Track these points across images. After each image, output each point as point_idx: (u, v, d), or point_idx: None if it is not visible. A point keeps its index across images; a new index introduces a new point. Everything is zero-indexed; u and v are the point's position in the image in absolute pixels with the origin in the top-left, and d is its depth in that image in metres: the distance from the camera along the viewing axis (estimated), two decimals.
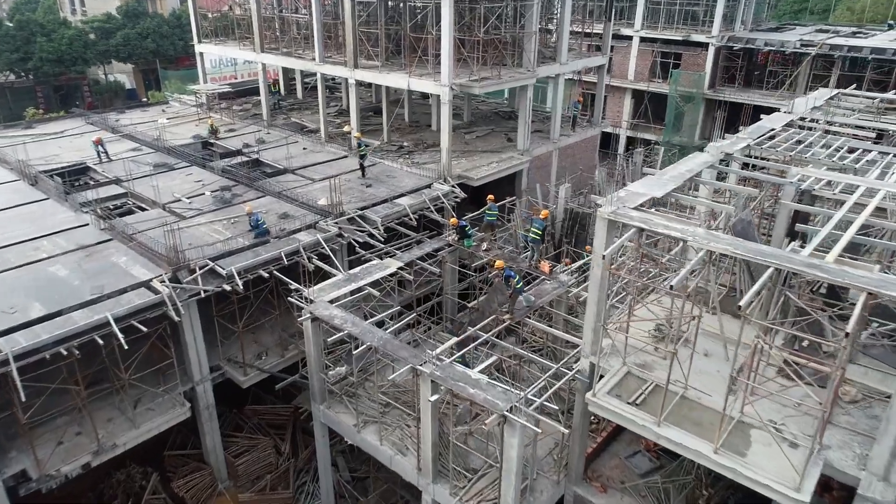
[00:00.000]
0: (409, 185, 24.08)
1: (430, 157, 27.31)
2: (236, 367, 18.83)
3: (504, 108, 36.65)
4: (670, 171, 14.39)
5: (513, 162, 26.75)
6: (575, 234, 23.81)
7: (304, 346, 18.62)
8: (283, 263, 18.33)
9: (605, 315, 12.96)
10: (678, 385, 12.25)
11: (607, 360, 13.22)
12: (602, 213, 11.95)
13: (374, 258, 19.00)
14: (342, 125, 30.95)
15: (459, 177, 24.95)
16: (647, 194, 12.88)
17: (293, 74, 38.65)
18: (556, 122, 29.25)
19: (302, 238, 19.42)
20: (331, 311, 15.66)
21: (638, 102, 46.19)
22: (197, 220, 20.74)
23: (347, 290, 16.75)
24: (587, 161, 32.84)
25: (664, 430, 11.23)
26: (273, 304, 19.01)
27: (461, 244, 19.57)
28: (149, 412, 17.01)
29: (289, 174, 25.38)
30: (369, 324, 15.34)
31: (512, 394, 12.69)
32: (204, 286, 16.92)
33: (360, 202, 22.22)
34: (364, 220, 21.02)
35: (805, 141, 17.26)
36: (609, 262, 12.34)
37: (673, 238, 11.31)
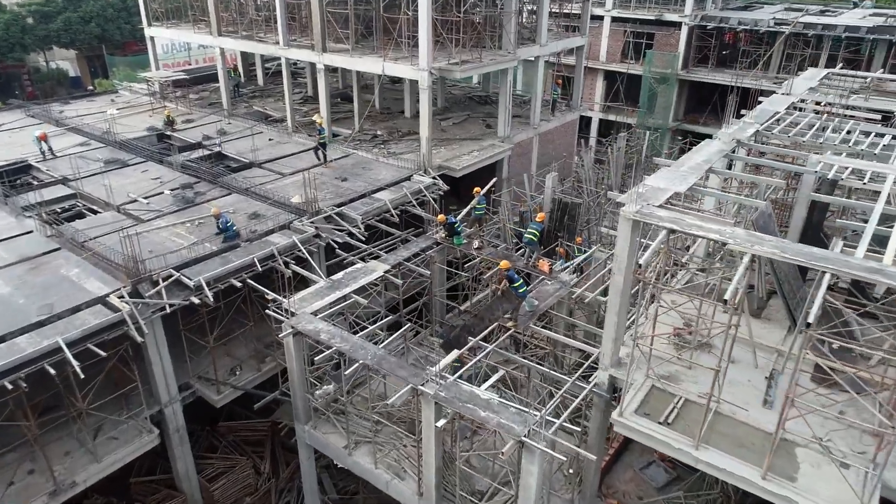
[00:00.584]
0: (387, 177, 22.48)
1: (407, 146, 25.70)
2: (208, 384, 17.12)
3: (478, 91, 35.14)
4: (686, 161, 13.22)
5: (495, 150, 25.35)
6: (565, 226, 22.60)
7: (283, 358, 17.14)
8: (257, 270, 16.62)
9: (625, 324, 11.81)
10: (707, 397, 11.17)
11: (627, 371, 12.06)
12: (626, 214, 10.69)
13: (356, 261, 17.44)
14: (310, 113, 29.01)
15: (440, 167, 23.45)
16: (668, 189, 11.68)
17: (252, 59, 36.33)
18: (536, 107, 27.93)
19: (276, 241, 17.70)
20: (315, 324, 14.09)
21: (610, 84, 45.25)
22: (157, 222, 18.77)
23: (332, 300, 15.18)
24: (567, 146, 31.68)
25: (704, 454, 10.13)
26: (246, 313, 17.29)
27: (450, 242, 18.15)
28: (112, 442, 15.22)
29: (255, 168, 23.48)
30: (360, 338, 13.84)
31: (528, 416, 11.41)
32: (169, 300, 15.12)
33: (337, 198, 20.56)
34: (342, 217, 19.38)
35: (813, 125, 16.32)
36: (633, 268, 11.13)
37: (709, 240, 10.12)
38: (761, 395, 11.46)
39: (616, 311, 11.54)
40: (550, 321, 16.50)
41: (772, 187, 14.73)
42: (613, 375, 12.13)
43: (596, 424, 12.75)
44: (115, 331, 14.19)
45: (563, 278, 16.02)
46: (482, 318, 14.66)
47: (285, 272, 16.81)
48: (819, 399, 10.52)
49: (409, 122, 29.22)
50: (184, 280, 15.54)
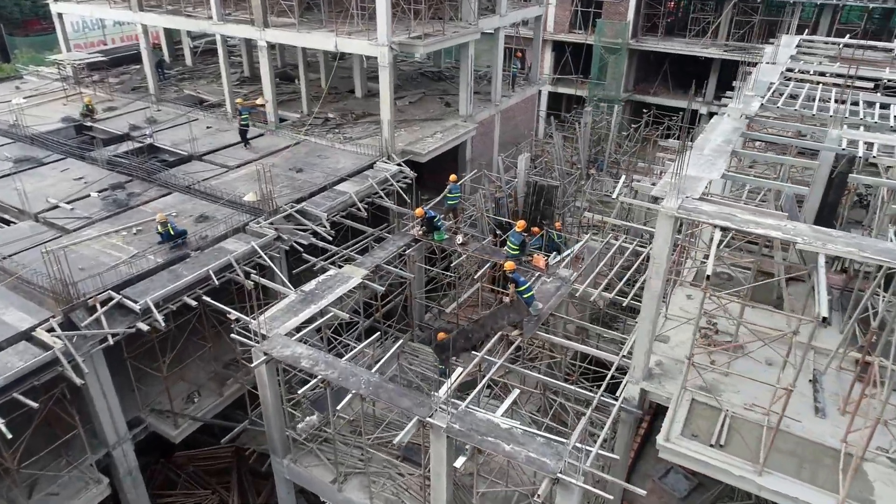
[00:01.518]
0: (347, 166, 20.33)
1: (364, 130, 23.52)
2: (163, 418, 14.85)
3: (429, 67, 33.03)
4: (705, 143, 11.88)
5: (459, 131, 23.53)
6: (541, 211, 21.16)
7: (248, 379, 15.09)
8: (214, 285, 14.35)
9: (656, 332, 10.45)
10: (756, 410, 10.01)
11: (660, 383, 10.77)
12: (666, 210, 9.22)
13: (328, 266, 15.39)
14: (250, 96, 26.25)
15: (403, 152, 21.48)
16: (701, 178, 10.29)
17: (178, 37, 32.85)
18: (497, 82, 26.19)
19: (231, 247, 15.42)
20: (293, 348, 12.09)
21: (559, 56, 43.91)
22: (86, 233, 16.06)
23: (307, 315, 13.18)
24: (527, 123, 30.20)
25: (768, 480, 8.93)
26: (203, 333, 15.02)
27: (429, 238, 16.35)
28: (51, 499, 12.83)
29: (196, 162, 20.80)
30: (348, 361, 11.94)
31: (560, 446, 9.93)
32: (111, 329, 12.73)
33: (294, 192, 18.31)
34: (304, 215, 17.21)
35: (813, 96, 15.35)
36: (665, 269, 9.72)
37: (771, 238, 8.78)
38: (809, 402, 10.41)
39: (651, 318, 10.15)
40: (547, 322, 15.05)
41: (791, 167, 13.66)
42: (645, 389, 10.80)
43: (623, 443, 11.43)
44: (47, 373, 11.76)
45: (562, 274, 14.55)
46: (483, 326, 13.03)
47: (247, 284, 14.60)
48: (869, 402, 9.54)
49: (362, 102, 26.94)
50: (127, 303, 13.14)
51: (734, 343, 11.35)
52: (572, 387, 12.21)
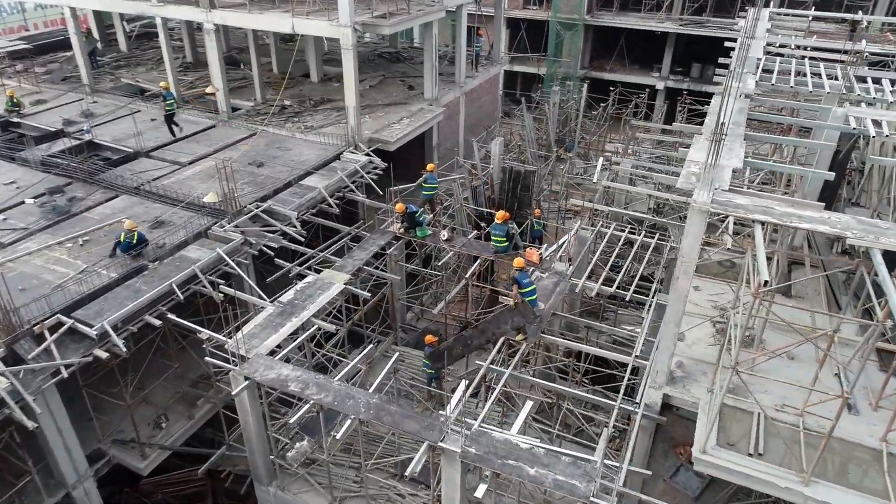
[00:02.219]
0: (311, 158, 18.88)
1: (326, 117, 22.00)
2: (128, 449, 13.37)
3: (385, 48, 31.47)
4: (713, 126, 11.11)
5: (426, 116, 22.28)
6: (518, 197, 20.27)
7: (220, 397, 13.78)
8: (178, 300, 12.87)
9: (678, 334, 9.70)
10: (788, 411, 9.44)
11: (684, 387, 10.08)
12: (698, 204, 8.39)
13: (305, 272, 14.08)
14: (196, 84, 24.30)
15: (371, 141, 20.14)
16: (724, 165, 9.51)
17: (110, 20, 30.19)
18: (461, 62, 24.97)
19: (193, 255, 13.92)
20: (278, 370, 10.84)
21: (514, 33, 42.88)
22: (23, 246, 14.23)
23: (288, 330, 11.91)
24: (491, 105, 29.14)
25: (816, 490, 8.33)
26: (167, 350, 13.55)
27: (411, 235, 15.21)
28: None
29: (143, 159, 18.93)
30: (341, 382, 10.79)
31: (588, 466, 9.11)
32: (64, 359, 11.17)
33: (257, 189, 16.81)
34: (271, 215, 15.77)
35: (802, 72, 14.85)
36: (688, 269, 8.94)
37: (818, 233, 8.07)
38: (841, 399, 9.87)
39: (676, 320, 9.39)
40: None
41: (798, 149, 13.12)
42: (668, 394, 10.08)
43: (642, 451, 10.72)
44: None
45: (559, 268, 13.69)
46: (483, 331, 12.05)
47: (216, 297, 13.20)
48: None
49: (319, 88, 25.30)
50: (80, 328, 11.57)
51: (760, 347, 10.76)
52: (589, 395, 11.42)
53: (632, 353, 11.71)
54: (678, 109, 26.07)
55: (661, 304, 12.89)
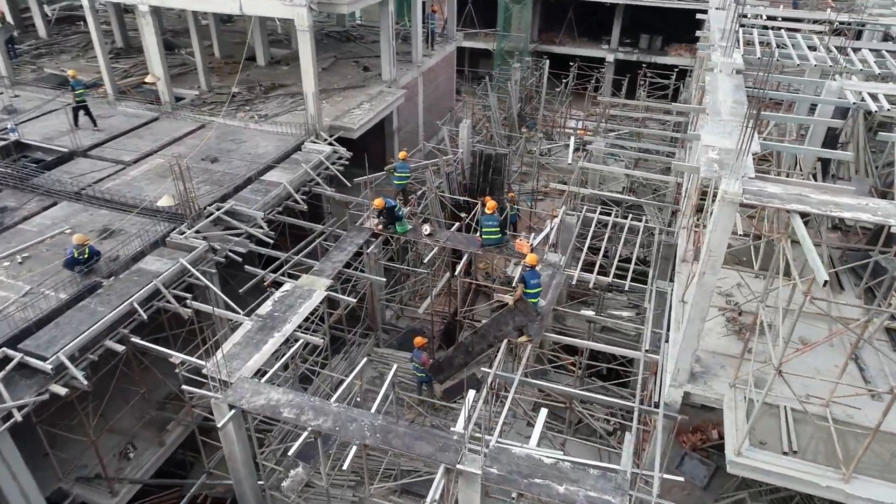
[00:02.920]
0: (270, 150, 17.51)
1: (280, 105, 20.53)
2: (94, 486, 12.06)
3: (333, 27, 29.83)
4: (720, 107, 10.58)
5: (387, 99, 21.13)
6: (490, 181, 19.49)
7: (192, 419, 12.62)
8: (142, 319, 11.55)
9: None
10: (814, 402, 9.12)
11: (705, 383, 9.63)
12: (729, 196, 7.79)
13: (283, 279, 12.92)
14: (132, 72, 22.28)
15: (332, 129, 18.89)
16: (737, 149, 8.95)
17: (25, 3, 27.38)
18: (417, 40, 23.78)
19: (153, 267, 12.55)
20: (268, 394, 9.80)
21: (461, 7, 41.60)
22: None
23: (273, 347, 10.83)
24: (447, 84, 28.10)
25: (857, 487, 8.02)
26: (131, 374, 12.23)
27: (390, 231, 14.24)
28: None
29: (80, 159, 17.11)
30: (340, 403, 9.84)
31: (619, 477, 8.55)
32: (14, 399, 9.78)
33: (215, 188, 15.42)
34: (235, 217, 14.45)
35: (781, 44, 14.57)
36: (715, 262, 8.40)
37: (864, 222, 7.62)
38: (860, 383, 9.65)
39: (702, 317, 8.87)
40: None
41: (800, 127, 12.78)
42: (689, 392, 9.62)
43: (660, 451, 10.22)
44: None
45: (552, 259, 13.04)
46: (484, 336, 11.29)
47: (183, 313, 11.93)
48: None
49: (268, 72, 23.65)
50: (32, 362, 10.16)
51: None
52: (608, 398, 10.87)
53: (639, 348, 11.19)
54: (639, 84, 25.78)
55: (660, 292, 12.44)
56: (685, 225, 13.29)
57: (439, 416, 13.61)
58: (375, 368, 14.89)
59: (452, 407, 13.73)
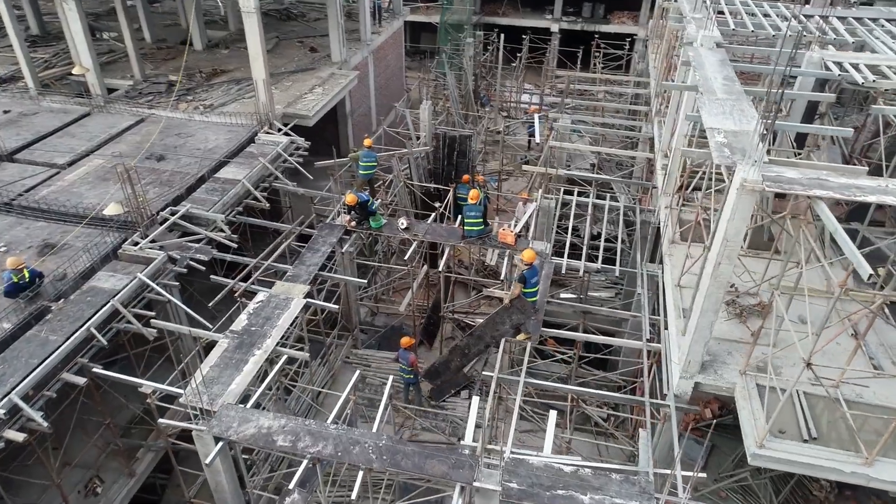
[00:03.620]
0: (221, 144, 16.24)
1: (225, 93, 19.10)
2: None
3: (270, 4, 28.08)
4: (711, 84, 10.20)
5: (340, 82, 20.01)
6: (455, 164, 18.77)
7: (162, 444, 11.64)
8: (102, 345, 10.42)
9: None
10: (823, 383, 9.01)
11: (716, 372, 9.39)
12: (749, 184, 7.41)
13: (256, 288, 11.93)
14: (54, 62, 20.26)
15: (285, 117, 17.71)
16: (750, 131, 8.61)
17: None
18: (365, 17, 22.68)
19: (107, 285, 11.37)
20: (257, 422, 8.97)
21: None
22: None
23: (255, 366, 9.95)
24: (396, 62, 27.03)
25: (880, 470, 7.95)
26: (94, 404, 11.11)
27: (364, 227, 13.41)
28: None
29: (6, 163, 15.40)
30: (339, 424, 9.11)
31: (643, 480, 8.24)
32: None
33: (165, 190, 14.15)
34: (192, 221, 13.28)
35: (751, 12, 14.36)
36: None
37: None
38: (864, 360, 9.63)
39: (715, 308, 8.56)
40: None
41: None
42: (699, 382, 9.37)
43: (667, 446, 9.98)
44: None
45: (538, 248, 12.54)
46: (480, 337, 10.72)
47: (147, 334, 10.85)
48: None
49: (206, 57, 22.01)
50: None
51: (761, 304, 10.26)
52: (618, 395, 10.52)
53: (633, 336, 10.89)
54: (593, 55, 25.42)
55: (651, 275, 12.16)
56: (668, 205, 13.03)
57: (429, 417, 13.08)
58: (356, 371, 14.14)
59: (443, 408, 13.22)
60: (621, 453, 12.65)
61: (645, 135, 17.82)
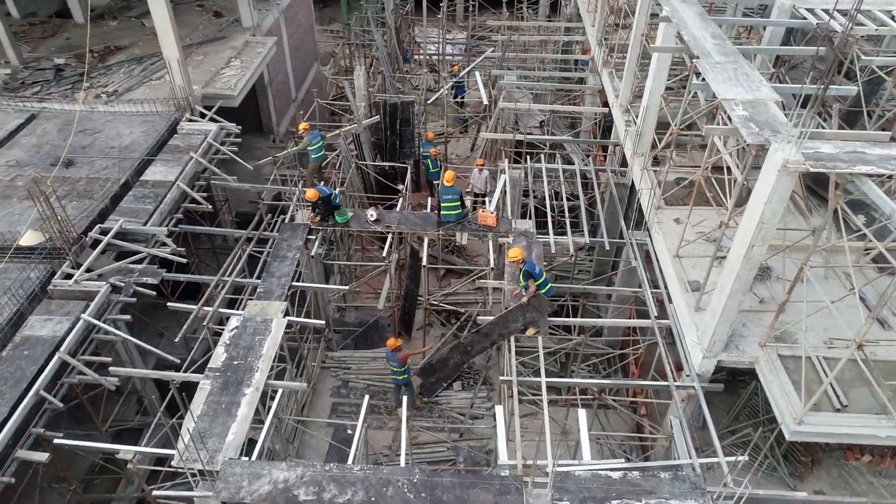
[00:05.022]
0: (137, 139, 14.17)
1: (127, 75, 16.64)
2: None
3: None
4: (702, 44, 9.63)
5: (258, 51, 17.99)
6: (400, 134, 17.51)
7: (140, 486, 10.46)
8: (56, 407, 8.87)
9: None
10: (843, 344, 9.10)
11: (737, 347, 9.25)
12: (792, 165, 6.97)
13: (226, 312, 10.51)
14: None
15: (206, 98, 15.74)
16: (767, 100, 8.17)
17: None
18: None
19: (45, 332, 9.67)
20: (270, 475, 7.93)
21: None
22: None
23: (250, 409, 8.79)
24: (307, 20, 24.81)
25: None
26: (56, 470, 9.58)
27: (330, 223, 12.15)
28: None
29: None
30: (363, 466, 8.25)
31: (692, 475, 8.02)
32: None
33: (83, 202, 12.17)
34: (129, 238, 11.51)
35: None
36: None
37: None
38: (865, 313, 9.78)
39: (744, 290, 8.28)
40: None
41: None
42: (723, 362, 9.21)
43: (686, 426, 9.76)
44: None
45: (521, 228, 11.86)
46: (487, 335, 10.00)
47: (107, 385, 9.35)
48: None
49: (93, 32, 18.91)
50: None
51: None
52: (643, 382, 10.20)
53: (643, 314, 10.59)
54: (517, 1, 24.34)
55: (639, 243, 11.82)
56: (644, 166, 12.65)
57: (425, 416, 12.44)
58: (336, 376, 13.18)
59: (437, 403, 12.60)
60: (621, 420, 12.57)
61: (593, 87, 17.26)
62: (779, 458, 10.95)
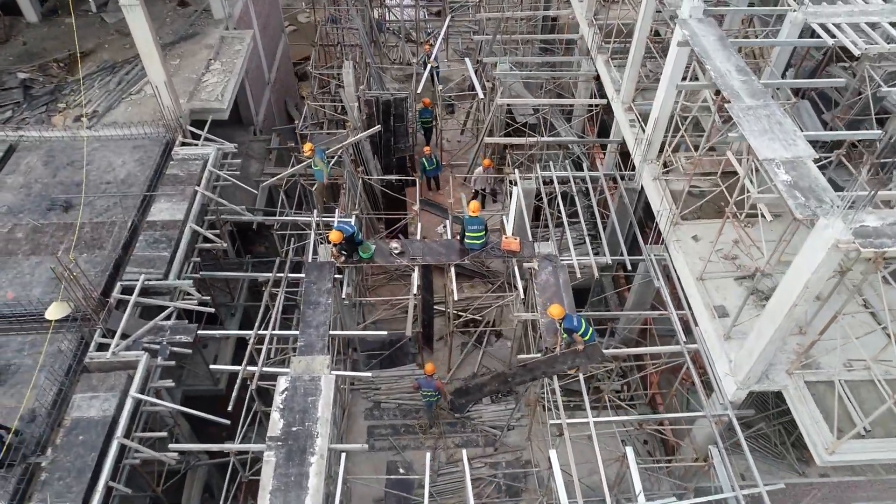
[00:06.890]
0: (132, 169, 13.57)
1: (104, 90, 15.59)
2: None
3: None
4: (730, 81, 9.69)
5: (236, 48, 17.04)
6: (394, 130, 17.12)
7: None
8: (124, 493, 8.98)
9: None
10: (861, 368, 9.84)
11: (767, 376, 9.88)
12: (843, 246, 7.31)
13: (275, 370, 10.55)
14: None
15: (194, 114, 15.01)
16: (803, 158, 8.42)
17: None
18: None
19: (94, 414, 9.62)
20: None
21: None
22: None
23: (319, 480, 9.09)
24: (273, 4, 23.31)
25: None
26: None
27: (355, 261, 12.08)
28: None
29: None
30: None
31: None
32: None
33: (93, 254, 11.75)
34: (152, 293, 11.26)
35: None
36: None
37: None
38: (877, 329, 10.53)
39: (784, 336, 8.82)
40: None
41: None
42: (755, 391, 9.88)
43: (725, 457, 10.40)
44: None
45: (545, 251, 12.08)
46: (531, 370, 10.37)
47: (169, 460, 9.47)
48: None
49: (49, 33, 17.58)
50: None
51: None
52: (683, 414, 10.82)
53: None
54: None
55: (659, 259, 12.22)
56: (656, 176, 12.90)
57: (457, 430, 12.99)
58: (367, 398, 13.53)
59: (470, 418, 13.12)
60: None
61: (587, 73, 17.08)
62: (788, 446, 12.00)
